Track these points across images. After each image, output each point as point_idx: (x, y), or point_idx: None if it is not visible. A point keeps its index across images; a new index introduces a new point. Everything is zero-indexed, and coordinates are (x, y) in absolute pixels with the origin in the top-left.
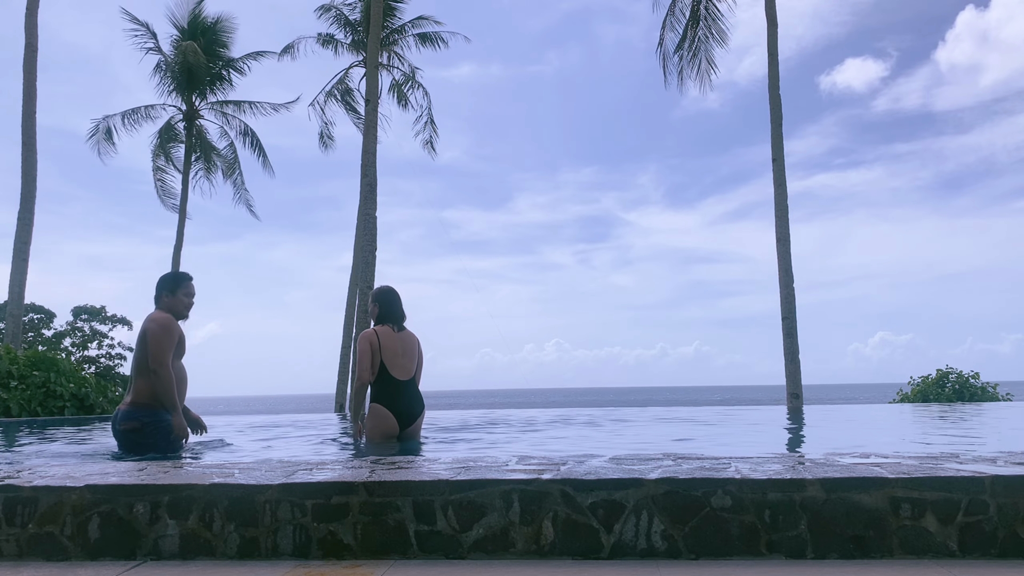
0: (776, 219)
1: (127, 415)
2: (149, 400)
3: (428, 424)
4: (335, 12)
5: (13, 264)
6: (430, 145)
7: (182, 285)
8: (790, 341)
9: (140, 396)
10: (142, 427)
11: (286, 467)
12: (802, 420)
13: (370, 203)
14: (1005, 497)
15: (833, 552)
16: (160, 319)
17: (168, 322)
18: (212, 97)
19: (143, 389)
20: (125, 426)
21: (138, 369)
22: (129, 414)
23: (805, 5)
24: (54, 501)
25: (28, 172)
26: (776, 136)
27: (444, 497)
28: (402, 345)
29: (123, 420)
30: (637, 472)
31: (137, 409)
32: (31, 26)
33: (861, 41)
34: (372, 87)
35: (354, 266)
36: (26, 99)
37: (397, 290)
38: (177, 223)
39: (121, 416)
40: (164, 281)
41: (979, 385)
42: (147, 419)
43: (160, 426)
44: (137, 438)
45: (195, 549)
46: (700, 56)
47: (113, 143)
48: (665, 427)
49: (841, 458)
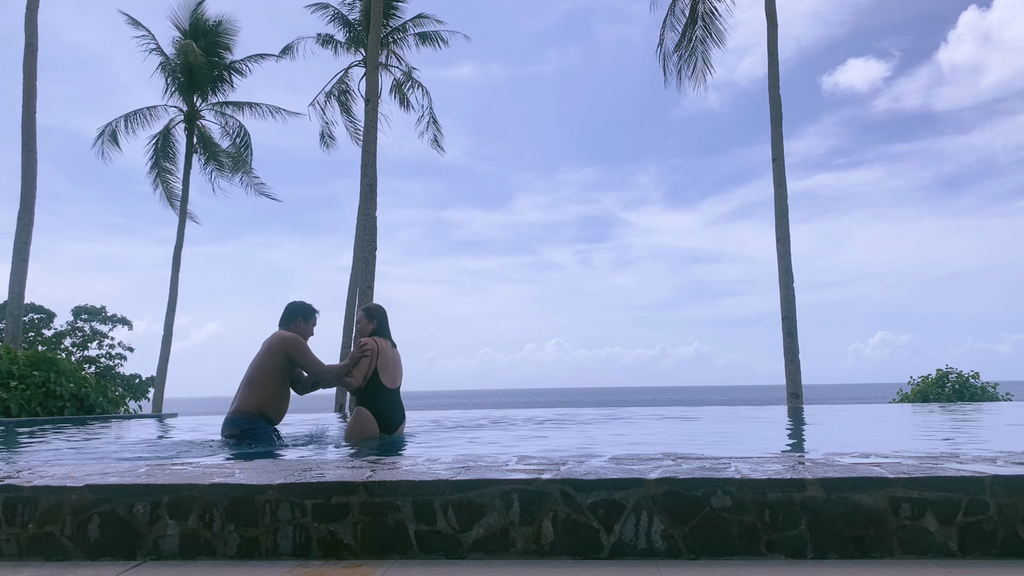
0: (776, 219)
1: (231, 422)
2: (252, 409)
3: (429, 424)
4: (333, 11)
5: (13, 264)
6: (436, 143)
7: (313, 316)
8: (790, 341)
9: (244, 405)
10: (241, 433)
11: (286, 467)
12: (802, 420)
13: (370, 203)
14: (1005, 497)
15: (833, 552)
16: (294, 338)
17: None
18: (213, 98)
19: (250, 399)
20: (228, 432)
21: (249, 381)
22: (232, 422)
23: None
24: (54, 501)
25: (28, 172)
26: (776, 136)
27: (444, 497)
28: (395, 358)
29: (227, 427)
30: (637, 472)
31: (239, 417)
32: (31, 26)
33: (861, 41)
34: (372, 87)
35: (354, 266)
36: (26, 99)
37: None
38: (178, 223)
39: (225, 423)
40: (300, 308)
41: (979, 385)
42: (247, 426)
43: (258, 432)
44: (238, 444)
45: (195, 549)
46: (697, 56)
47: (118, 146)
48: (665, 427)
49: (841, 458)
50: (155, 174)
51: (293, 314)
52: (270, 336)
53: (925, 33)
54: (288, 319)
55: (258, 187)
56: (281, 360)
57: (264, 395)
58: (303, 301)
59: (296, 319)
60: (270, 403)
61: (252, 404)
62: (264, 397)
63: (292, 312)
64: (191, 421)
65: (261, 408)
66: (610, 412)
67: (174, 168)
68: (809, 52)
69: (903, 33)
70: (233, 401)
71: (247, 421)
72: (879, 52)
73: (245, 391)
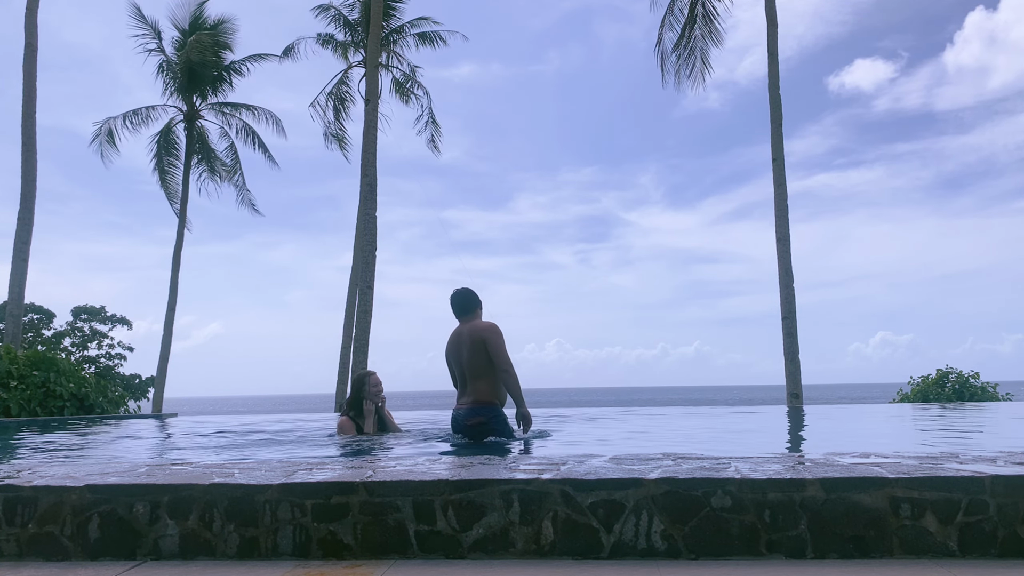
0: (776, 219)
1: (472, 412)
2: (489, 397)
3: (428, 424)
4: (334, 12)
5: (13, 264)
6: (433, 143)
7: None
8: (790, 341)
9: (481, 395)
10: (488, 421)
11: (286, 467)
12: (802, 420)
13: (370, 203)
14: (1005, 497)
15: (833, 552)
16: (493, 326)
17: (499, 328)
18: (213, 98)
19: (484, 388)
20: (471, 421)
21: (476, 371)
22: (474, 411)
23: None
24: (54, 501)
25: (28, 172)
26: (776, 136)
27: (444, 497)
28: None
29: (468, 417)
30: (637, 472)
31: (480, 406)
32: (31, 26)
33: (862, 41)
34: (372, 87)
35: (354, 266)
36: (26, 99)
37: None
38: (177, 223)
39: (466, 413)
40: (474, 296)
41: (979, 385)
42: (490, 414)
43: (500, 418)
44: (483, 431)
45: (195, 549)
46: (695, 55)
47: (115, 145)
48: (665, 426)
49: (841, 458)
50: (158, 173)
51: (473, 304)
52: (467, 326)
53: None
54: (471, 308)
55: (243, 194)
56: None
57: (493, 383)
58: (470, 289)
59: (477, 308)
60: (499, 391)
61: (487, 393)
62: (494, 385)
63: (473, 301)
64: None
65: (495, 396)
66: (610, 412)
67: (176, 167)
68: (810, 52)
69: (904, 33)
70: (464, 394)
71: (489, 410)
72: (887, 53)
73: (476, 382)
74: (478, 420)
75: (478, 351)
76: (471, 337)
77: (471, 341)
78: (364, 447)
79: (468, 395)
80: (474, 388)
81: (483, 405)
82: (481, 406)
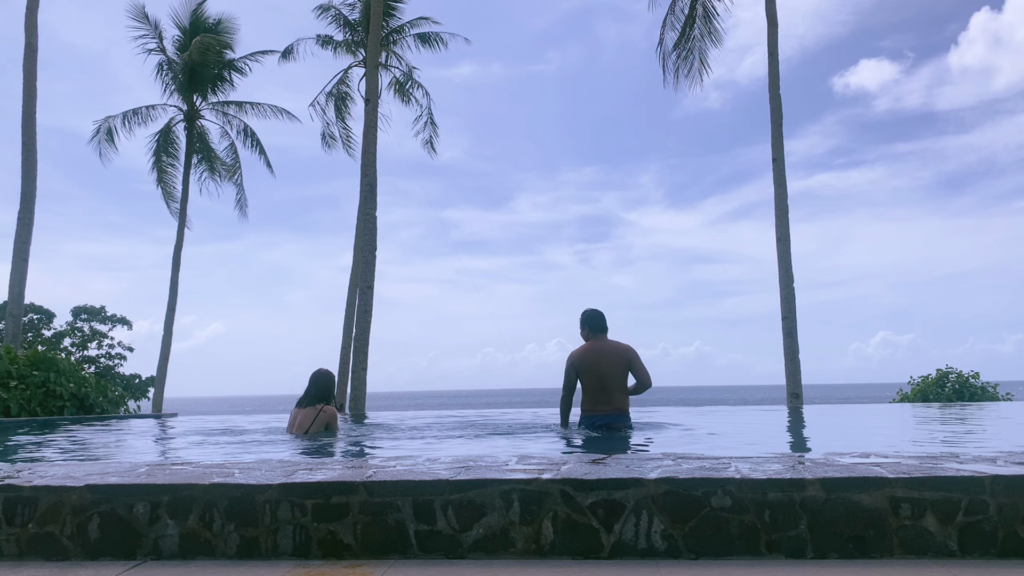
0: (776, 219)
1: (619, 419)
2: (628, 406)
3: (429, 424)
4: (334, 12)
5: (13, 264)
6: (430, 145)
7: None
8: (790, 341)
9: (623, 403)
10: (632, 427)
11: (286, 467)
12: (802, 420)
13: (370, 203)
14: (1005, 497)
15: (833, 552)
16: (635, 348)
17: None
18: (213, 97)
19: (623, 399)
20: (617, 425)
21: (619, 383)
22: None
23: (807, 4)
24: (54, 501)
25: (28, 172)
26: (776, 136)
27: (444, 497)
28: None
29: (615, 421)
30: (637, 472)
31: (622, 414)
32: (31, 26)
33: (862, 41)
34: (372, 87)
35: (354, 266)
36: (26, 99)
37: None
38: (178, 223)
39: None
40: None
41: (979, 385)
42: (630, 422)
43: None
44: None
45: (195, 549)
46: (695, 55)
47: (114, 144)
48: (665, 426)
49: (841, 458)
50: (156, 172)
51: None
52: (614, 344)
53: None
54: (606, 327)
55: (241, 197)
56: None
57: (627, 394)
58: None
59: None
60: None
61: (626, 402)
62: (627, 395)
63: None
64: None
65: (628, 405)
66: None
67: (176, 166)
68: (811, 51)
69: (905, 33)
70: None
71: (628, 418)
72: (893, 54)
73: (618, 392)
74: (622, 425)
75: (623, 366)
76: (617, 354)
77: (617, 357)
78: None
79: (611, 403)
80: (617, 397)
81: (624, 413)
82: (623, 414)
